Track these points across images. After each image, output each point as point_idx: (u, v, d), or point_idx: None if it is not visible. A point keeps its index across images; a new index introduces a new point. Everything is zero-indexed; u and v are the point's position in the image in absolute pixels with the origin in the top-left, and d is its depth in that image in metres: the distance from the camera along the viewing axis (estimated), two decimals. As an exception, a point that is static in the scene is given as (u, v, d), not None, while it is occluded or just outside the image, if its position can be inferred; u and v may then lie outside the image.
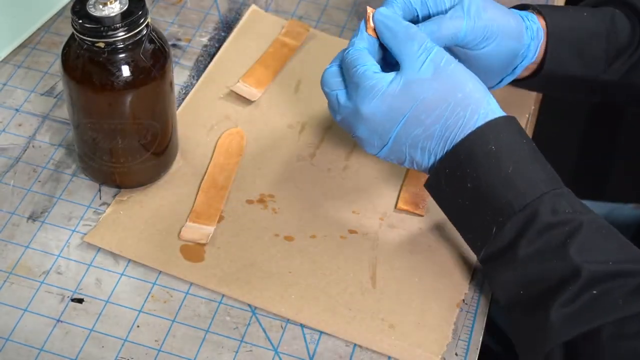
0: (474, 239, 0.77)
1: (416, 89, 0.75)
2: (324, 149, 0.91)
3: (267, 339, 0.77)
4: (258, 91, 0.95)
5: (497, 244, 0.74)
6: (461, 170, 0.75)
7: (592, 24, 0.89)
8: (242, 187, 0.87)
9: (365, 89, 0.76)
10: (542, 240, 0.72)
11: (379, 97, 0.75)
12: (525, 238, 0.73)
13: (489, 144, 0.74)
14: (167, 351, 0.76)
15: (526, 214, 0.73)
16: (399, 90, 0.75)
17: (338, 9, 1.06)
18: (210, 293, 0.80)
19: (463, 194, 0.76)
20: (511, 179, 0.74)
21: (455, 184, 0.76)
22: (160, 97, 0.81)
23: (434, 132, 0.75)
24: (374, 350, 0.77)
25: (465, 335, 0.79)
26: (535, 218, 0.73)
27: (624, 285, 0.70)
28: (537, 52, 0.87)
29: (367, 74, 0.76)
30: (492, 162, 0.74)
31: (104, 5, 0.75)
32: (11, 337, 0.76)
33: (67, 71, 0.78)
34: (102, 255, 0.82)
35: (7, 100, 0.93)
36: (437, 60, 0.75)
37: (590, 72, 0.89)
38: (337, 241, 0.84)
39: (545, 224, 0.72)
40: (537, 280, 0.72)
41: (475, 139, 0.74)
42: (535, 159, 0.76)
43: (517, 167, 0.74)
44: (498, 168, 0.74)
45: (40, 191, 0.86)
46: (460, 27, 0.80)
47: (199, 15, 1.03)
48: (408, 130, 0.76)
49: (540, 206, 0.73)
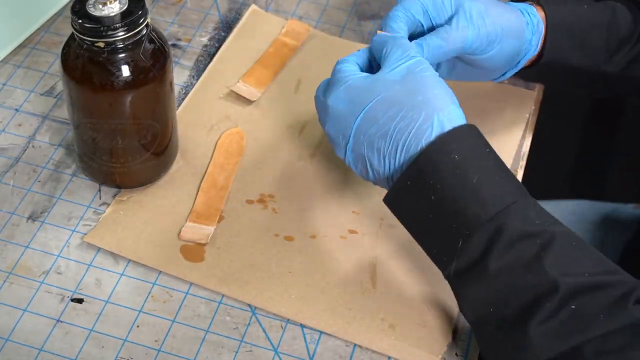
0: (439, 254, 0.74)
1: (379, 86, 0.74)
2: (324, 149, 0.91)
3: (267, 339, 0.77)
4: (258, 91, 0.95)
5: (465, 258, 0.71)
6: (423, 181, 0.72)
7: (592, 15, 0.88)
8: (242, 187, 0.87)
9: (335, 83, 0.76)
10: (513, 252, 0.69)
11: (343, 87, 0.75)
12: (495, 250, 0.69)
13: (452, 153, 0.71)
14: (167, 351, 0.76)
15: (494, 225, 0.70)
16: (363, 84, 0.75)
17: (338, 9, 1.06)
18: (210, 293, 0.80)
19: (426, 207, 0.73)
20: (477, 189, 0.71)
21: (417, 196, 0.73)
22: (160, 97, 0.81)
23: (387, 131, 0.74)
24: (374, 350, 0.77)
25: (465, 335, 0.79)
26: (504, 229, 0.69)
27: (603, 298, 0.67)
28: (539, 45, 0.86)
29: (343, 69, 0.77)
30: (456, 172, 0.71)
31: (103, 5, 0.75)
32: (11, 337, 0.76)
33: (67, 71, 0.78)
34: (102, 255, 0.82)
35: (7, 100, 0.93)
36: (413, 67, 0.75)
37: (591, 63, 0.88)
38: (337, 241, 0.84)
39: (515, 235, 0.69)
40: (511, 296, 0.69)
41: (438, 149, 0.72)
42: (500, 168, 0.73)
43: (483, 177, 0.71)
44: (463, 179, 0.71)
45: (40, 191, 0.86)
46: (466, 37, 0.80)
47: (199, 15, 1.03)
48: (364, 127, 0.75)
49: (508, 217, 0.70)
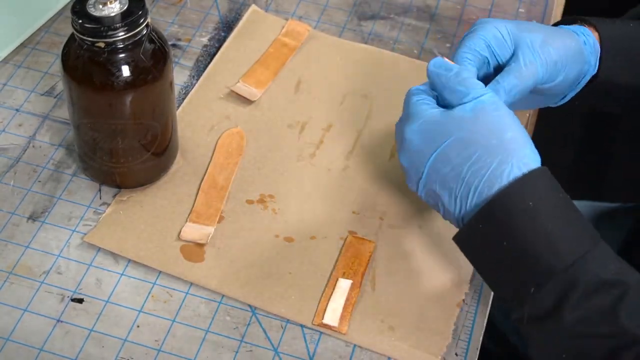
0: (509, 297, 0.74)
1: (452, 125, 0.74)
2: (324, 149, 0.91)
3: (267, 339, 0.77)
4: (258, 91, 0.95)
5: (537, 307, 0.71)
6: (496, 227, 0.72)
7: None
8: (242, 187, 0.87)
9: (411, 115, 0.76)
10: (588, 304, 0.69)
11: (419, 123, 0.75)
12: (571, 301, 0.69)
13: (526, 200, 0.71)
14: (167, 351, 0.76)
15: (569, 275, 0.69)
16: (437, 121, 0.75)
17: (338, 9, 1.06)
18: (210, 293, 0.80)
19: (497, 251, 0.72)
20: (550, 238, 0.70)
21: (488, 240, 0.73)
22: (160, 97, 0.81)
23: (459, 173, 0.73)
24: (374, 350, 0.77)
25: (465, 336, 0.79)
26: (579, 280, 0.69)
27: None
28: (597, 65, 0.86)
29: (418, 103, 0.76)
30: (529, 220, 0.71)
31: (103, 5, 0.75)
32: (11, 337, 0.76)
33: (67, 71, 0.78)
34: (102, 255, 0.82)
35: (7, 100, 0.93)
36: (485, 104, 0.74)
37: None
38: (336, 242, 0.84)
39: (591, 286, 0.69)
40: (587, 348, 0.69)
41: (512, 195, 0.71)
42: (573, 214, 0.72)
43: (556, 224, 0.71)
44: (536, 226, 0.70)
45: (40, 191, 0.86)
46: (537, 72, 0.80)
47: (199, 15, 1.03)
48: (438, 167, 0.75)
49: (582, 267, 0.69)
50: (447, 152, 0.74)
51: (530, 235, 0.70)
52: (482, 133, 0.73)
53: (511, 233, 0.71)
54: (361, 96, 0.96)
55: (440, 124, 0.74)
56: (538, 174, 0.72)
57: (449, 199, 0.75)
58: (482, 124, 0.73)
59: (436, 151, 0.74)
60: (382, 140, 0.92)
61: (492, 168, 0.72)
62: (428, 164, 0.75)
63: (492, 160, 0.72)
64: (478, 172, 0.73)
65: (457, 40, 1.03)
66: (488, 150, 0.73)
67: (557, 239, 0.70)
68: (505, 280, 0.73)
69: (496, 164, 0.72)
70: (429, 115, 0.75)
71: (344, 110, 0.95)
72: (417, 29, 1.05)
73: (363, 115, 0.94)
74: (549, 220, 0.71)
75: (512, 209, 0.71)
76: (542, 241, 0.70)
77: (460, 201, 0.74)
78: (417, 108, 0.76)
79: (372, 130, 0.93)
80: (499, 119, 0.74)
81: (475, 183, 0.73)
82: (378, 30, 1.04)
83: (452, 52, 1.02)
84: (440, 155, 0.74)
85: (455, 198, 0.74)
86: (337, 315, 0.78)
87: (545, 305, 0.70)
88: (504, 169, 0.72)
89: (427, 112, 0.76)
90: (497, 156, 0.72)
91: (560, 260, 0.70)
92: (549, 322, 0.71)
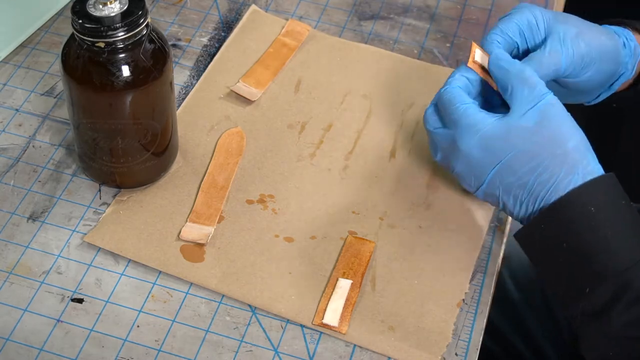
0: (564, 294, 0.76)
1: (516, 138, 0.74)
2: (324, 149, 0.91)
3: (267, 339, 0.77)
4: (258, 91, 0.95)
5: (590, 306, 0.73)
6: (557, 229, 0.74)
7: None
8: (242, 187, 0.87)
9: (465, 127, 0.76)
10: (637, 309, 0.71)
11: (478, 136, 0.75)
12: (621, 305, 0.71)
13: (588, 205, 0.73)
14: (167, 351, 0.76)
15: (622, 279, 0.72)
16: (498, 134, 0.75)
17: (338, 9, 1.06)
18: (210, 293, 0.80)
19: (556, 252, 0.74)
20: (608, 243, 0.72)
21: (549, 241, 0.75)
22: (160, 97, 0.81)
23: (526, 182, 0.75)
24: (374, 350, 0.77)
25: (466, 335, 0.79)
26: (631, 285, 0.71)
27: None
28: (634, 69, 0.86)
29: (468, 112, 0.76)
30: (590, 224, 0.72)
31: (104, 5, 0.75)
32: (11, 337, 0.76)
33: (67, 71, 0.78)
34: (102, 255, 0.82)
35: (7, 100, 0.93)
36: (545, 110, 0.74)
37: None
38: (336, 242, 0.84)
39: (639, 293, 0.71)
40: (633, 351, 0.72)
41: (574, 200, 0.73)
42: (634, 222, 0.74)
43: (615, 230, 0.73)
44: (596, 231, 0.72)
45: (40, 191, 0.86)
46: (559, 62, 0.80)
47: (199, 15, 1.03)
48: (502, 176, 0.75)
49: (636, 273, 0.71)
50: (511, 164, 0.75)
51: (589, 239, 0.72)
52: (545, 144, 0.74)
53: (571, 236, 0.73)
54: (361, 96, 0.96)
55: (501, 138, 0.75)
56: (602, 181, 0.74)
57: (513, 203, 0.76)
58: (545, 134, 0.74)
59: (499, 164, 0.75)
60: (382, 140, 0.92)
61: (559, 178, 0.74)
62: (490, 174, 0.76)
63: (559, 171, 0.74)
64: (545, 182, 0.74)
65: (457, 40, 1.03)
66: (553, 161, 0.74)
67: (614, 244, 0.72)
68: (562, 279, 0.75)
69: (563, 174, 0.74)
70: (487, 128, 0.75)
71: (344, 110, 0.95)
72: (417, 29, 1.05)
73: (363, 115, 0.94)
74: (608, 226, 0.73)
75: (573, 213, 0.73)
76: (599, 245, 0.72)
77: (526, 206, 0.76)
78: (468, 119, 0.76)
79: (372, 130, 0.93)
80: (561, 127, 0.74)
81: (542, 193, 0.74)
82: (378, 30, 1.04)
83: (452, 51, 1.02)
84: (503, 166, 0.75)
85: (520, 203, 0.76)
86: (337, 315, 0.78)
87: (598, 305, 0.72)
88: (571, 179, 0.73)
89: (482, 123, 0.75)
90: (563, 166, 0.74)
91: (615, 265, 0.72)
92: (599, 322, 0.73)
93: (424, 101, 0.96)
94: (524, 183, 0.75)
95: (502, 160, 0.75)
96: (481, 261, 0.84)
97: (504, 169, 0.75)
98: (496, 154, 0.75)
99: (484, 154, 0.76)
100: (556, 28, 0.81)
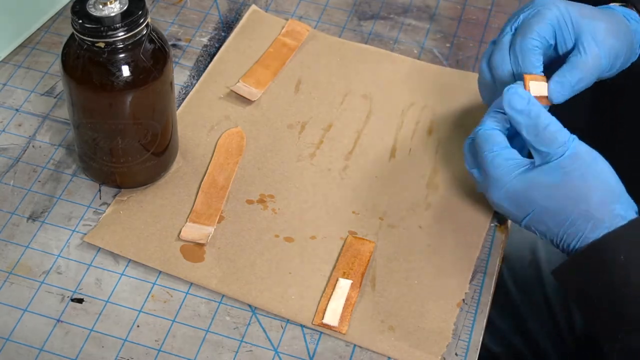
0: (599, 329, 0.76)
1: (537, 195, 0.75)
2: (324, 149, 0.91)
3: (267, 339, 0.77)
4: (258, 91, 0.95)
5: (627, 350, 0.73)
6: (588, 275, 0.74)
7: None
8: (242, 187, 0.87)
9: (493, 179, 0.76)
10: None
11: (504, 191, 0.76)
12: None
13: (619, 254, 0.72)
14: (167, 351, 0.76)
15: None
16: (519, 190, 0.75)
17: (338, 9, 1.06)
18: (210, 293, 0.80)
19: (589, 294, 0.75)
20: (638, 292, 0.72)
21: (581, 284, 0.75)
22: (160, 97, 0.81)
23: (556, 233, 0.76)
24: (374, 350, 0.77)
25: (466, 335, 0.79)
26: None
27: None
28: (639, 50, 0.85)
29: (495, 162, 0.76)
30: (621, 273, 0.72)
31: (104, 5, 0.75)
32: (11, 337, 0.76)
33: (67, 71, 0.78)
34: (102, 255, 0.82)
35: (7, 100, 0.93)
36: (568, 164, 0.74)
37: None
38: (336, 242, 0.84)
39: None
40: None
41: (602, 250, 0.73)
42: None
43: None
44: (627, 280, 0.72)
45: (40, 191, 0.86)
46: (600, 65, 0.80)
47: (199, 15, 1.03)
48: (534, 224, 0.77)
49: None
50: (539, 218, 0.75)
51: (620, 287, 0.72)
52: (570, 200, 0.74)
53: (602, 284, 0.73)
54: (361, 96, 0.96)
55: (525, 193, 0.75)
56: (631, 227, 0.73)
57: (550, 241, 0.78)
58: (566, 191, 0.74)
59: (527, 217, 0.76)
60: (382, 140, 0.92)
61: (586, 231, 0.74)
62: (523, 222, 0.77)
63: (585, 225, 0.74)
64: (574, 235, 0.75)
65: (457, 40, 1.03)
66: (580, 217, 0.74)
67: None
68: (597, 317, 0.75)
69: (589, 228, 0.74)
70: (510, 183, 0.75)
71: (344, 110, 0.95)
72: (417, 29, 1.05)
73: (363, 115, 0.94)
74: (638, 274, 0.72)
75: (603, 260, 0.73)
76: (630, 294, 0.72)
77: (562, 247, 0.77)
78: (496, 170, 0.76)
79: (372, 130, 0.93)
80: (584, 180, 0.74)
81: (572, 243, 0.75)
82: (378, 30, 1.04)
83: (451, 51, 1.02)
84: (532, 219, 0.76)
85: (555, 243, 0.77)
86: (337, 315, 0.78)
87: (633, 349, 0.72)
88: (598, 230, 0.73)
89: (507, 176, 0.75)
90: (590, 220, 0.74)
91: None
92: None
93: (424, 101, 0.96)
94: (554, 233, 0.76)
95: (529, 216, 0.76)
96: (481, 261, 0.84)
97: (532, 221, 0.76)
98: (523, 208, 0.76)
99: (512, 207, 0.77)
100: (586, 26, 0.80)
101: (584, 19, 0.81)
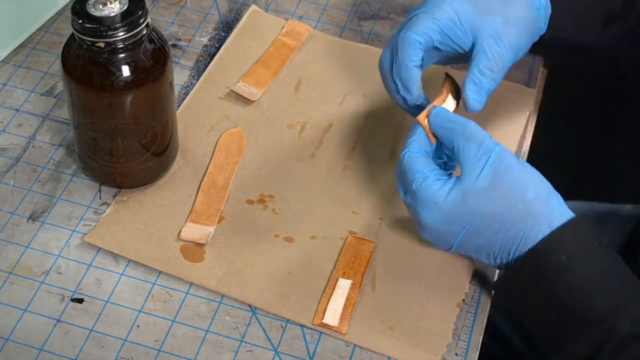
0: (548, 341, 0.75)
1: (473, 202, 0.73)
2: (324, 149, 0.91)
3: (267, 339, 0.77)
4: (258, 91, 0.95)
5: (575, 356, 0.72)
6: (531, 281, 0.73)
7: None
8: (242, 187, 0.87)
9: (423, 201, 0.74)
10: (623, 356, 0.70)
11: (436, 210, 0.74)
12: (606, 353, 0.70)
13: (560, 254, 0.72)
14: (167, 351, 0.76)
15: (604, 327, 0.70)
16: (455, 203, 0.73)
17: (338, 9, 1.06)
18: (210, 293, 0.80)
19: (534, 302, 0.74)
20: (585, 290, 0.71)
21: (525, 292, 0.74)
22: (160, 97, 0.81)
23: (495, 241, 0.74)
24: (374, 350, 0.77)
25: (466, 335, 0.79)
26: (614, 331, 0.70)
27: None
28: (546, 24, 0.85)
29: (424, 185, 0.74)
30: (564, 274, 0.71)
31: (104, 5, 0.75)
32: (11, 337, 0.76)
33: (67, 71, 0.78)
34: (102, 255, 0.82)
35: (7, 100, 0.93)
36: (497, 165, 0.73)
37: (588, 39, 0.88)
38: (336, 242, 0.84)
39: (625, 337, 0.70)
40: None
41: (545, 251, 0.72)
42: (609, 265, 0.73)
43: (590, 277, 0.71)
44: (571, 279, 0.71)
45: (40, 191, 0.86)
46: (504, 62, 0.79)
47: (199, 15, 1.03)
48: (469, 240, 0.75)
49: (618, 319, 0.70)
50: (475, 229, 0.74)
51: (564, 289, 0.71)
52: (504, 202, 0.73)
53: (546, 288, 0.72)
54: (361, 96, 0.96)
55: (458, 207, 0.73)
56: (571, 226, 0.72)
57: (486, 258, 0.76)
58: (501, 192, 0.73)
59: (462, 231, 0.74)
60: (382, 140, 0.92)
61: (526, 232, 0.73)
62: (456, 241, 0.75)
63: (524, 225, 0.73)
64: (513, 239, 0.73)
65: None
66: (517, 216, 0.73)
67: (591, 291, 0.71)
68: (543, 329, 0.75)
69: (529, 226, 0.72)
70: (444, 201, 0.73)
71: (344, 110, 0.95)
72: (417, 29, 1.04)
73: (363, 115, 0.94)
74: (583, 273, 0.71)
75: (545, 263, 0.72)
76: (576, 294, 0.71)
77: (500, 259, 0.75)
78: (426, 192, 0.74)
79: (372, 130, 0.93)
80: (516, 179, 0.73)
81: (513, 247, 0.73)
82: (378, 30, 1.04)
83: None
84: (468, 233, 0.74)
85: (493, 258, 0.75)
86: (337, 315, 0.78)
87: (582, 355, 0.71)
88: (539, 230, 0.72)
89: (439, 196, 0.73)
90: (528, 219, 0.72)
91: (594, 313, 0.70)
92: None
93: (424, 101, 0.96)
94: (492, 243, 0.74)
95: (466, 227, 0.74)
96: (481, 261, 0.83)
97: (469, 234, 0.74)
98: (458, 223, 0.74)
99: (446, 226, 0.74)
100: (482, 24, 0.79)
101: (480, 17, 0.80)
